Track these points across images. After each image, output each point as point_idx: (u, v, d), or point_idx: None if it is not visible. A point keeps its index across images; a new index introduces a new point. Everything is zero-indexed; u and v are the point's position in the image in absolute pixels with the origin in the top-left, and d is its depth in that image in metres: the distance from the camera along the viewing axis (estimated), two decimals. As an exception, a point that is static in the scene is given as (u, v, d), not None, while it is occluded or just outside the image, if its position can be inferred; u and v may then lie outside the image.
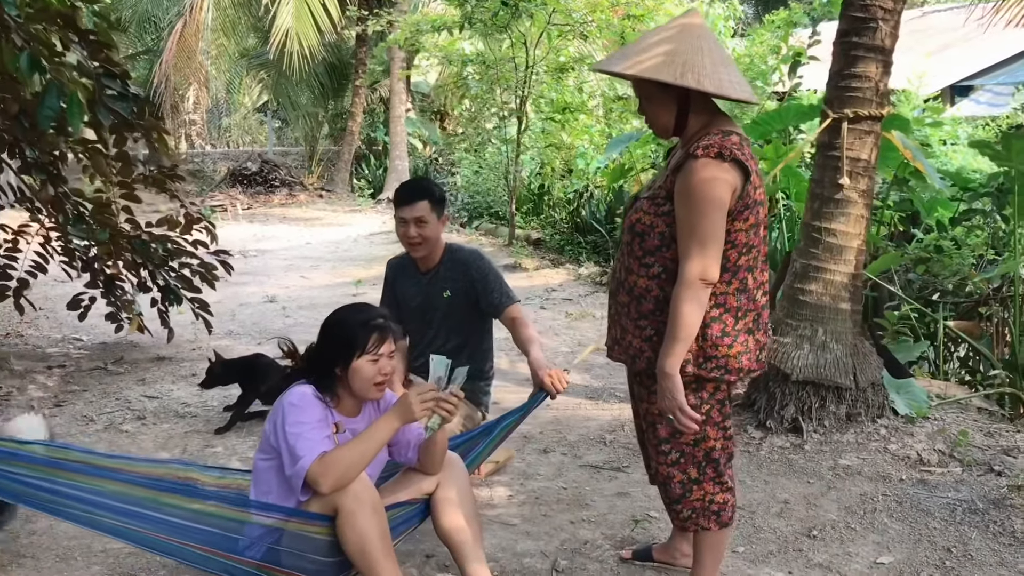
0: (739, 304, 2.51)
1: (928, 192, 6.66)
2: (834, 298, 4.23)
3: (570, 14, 9.25)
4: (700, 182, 2.39)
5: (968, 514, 3.50)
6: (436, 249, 3.68)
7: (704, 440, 2.63)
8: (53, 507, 2.58)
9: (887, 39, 4.11)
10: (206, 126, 25.08)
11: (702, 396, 2.58)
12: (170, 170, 5.54)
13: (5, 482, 2.52)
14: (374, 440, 2.58)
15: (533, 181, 12.04)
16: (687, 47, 2.43)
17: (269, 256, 10.58)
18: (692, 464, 2.66)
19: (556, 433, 4.49)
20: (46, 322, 6.95)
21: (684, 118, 2.52)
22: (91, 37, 4.36)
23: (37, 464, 2.59)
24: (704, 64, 2.40)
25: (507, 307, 3.58)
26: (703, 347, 2.50)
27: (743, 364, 2.55)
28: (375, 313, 2.75)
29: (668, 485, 2.72)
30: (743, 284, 2.51)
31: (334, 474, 2.47)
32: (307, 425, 2.58)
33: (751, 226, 2.48)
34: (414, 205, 3.54)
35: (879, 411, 4.29)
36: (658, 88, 2.48)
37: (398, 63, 14.49)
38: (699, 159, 2.40)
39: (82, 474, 2.65)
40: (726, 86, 2.43)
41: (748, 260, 2.51)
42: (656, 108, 2.56)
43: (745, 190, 2.43)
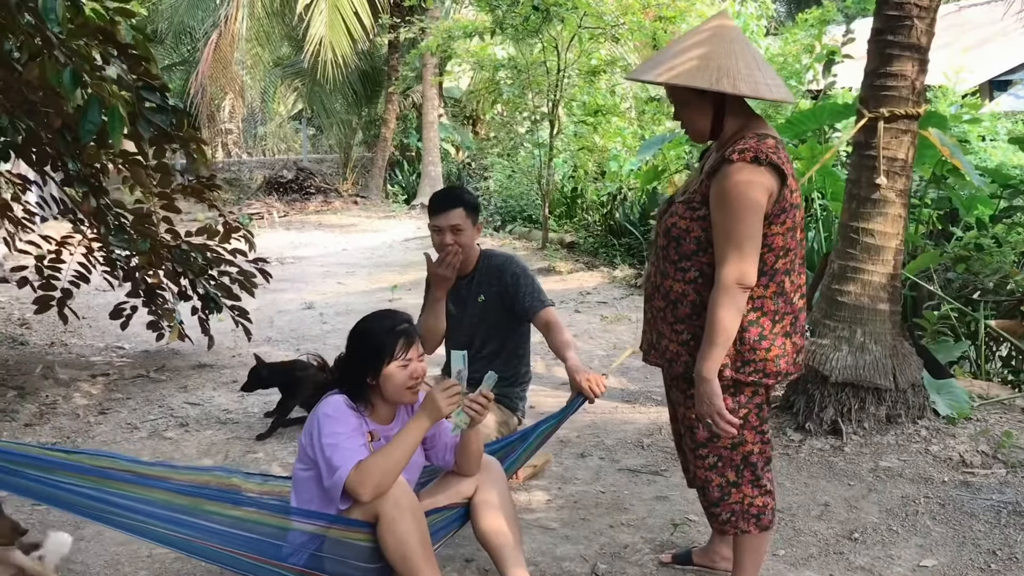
0: (776, 308, 2.51)
1: (967, 189, 6.57)
2: (872, 299, 4.20)
3: (601, 17, 9.26)
4: (736, 186, 2.40)
5: (1013, 516, 3.45)
6: (471, 256, 3.70)
7: (742, 444, 2.63)
8: (101, 515, 2.63)
9: (923, 37, 4.07)
10: (242, 135, 25.33)
11: (740, 400, 2.58)
12: (208, 180, 5.62)
13: (54, 491, 2.57)
14: (407, 443, 2.61)
15: (566, 184, 12.05)
16: (721, 50, 2.44)
17: (306, 263, 10.68)
18: (730, 467, 2.66)
19: (594, 437, 4.49)
20: (89, 331, 7.07)
21: (720, 121, 2.53)
22: (130, 51, 4.45)
23: (85, 474, 2.64)
24: (739, 67, 2.41)
25: (540, 311, 3.58)
26: (741, 351, 2.50)
27: (781, 367, 2.55)
28: (399, 319, 2.78)
29: (706, 488, 2.72)
30: (780, 287, 2.52)
31: (372, 481, 2.50)
32: (342, 435, 2.61)
33: (788, 229, 2.48)
34: (449, 213, 3.56)
35: (920, 412, 4.25)
36: (694, 94, 2.49)
37: (430, 69, 14.59)
38: (735, 163, 2.40)
39: (128, 483, 2.70)
40: (762, 88, 2.43)
41: (785, 263, 2.51)
42: (692, 113, 2.56)
43: (782, 194, 2.43)
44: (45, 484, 2.56)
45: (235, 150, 25.10)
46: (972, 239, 6.16)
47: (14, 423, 4.75)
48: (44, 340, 6.70)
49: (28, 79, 4.31)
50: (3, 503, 2.63)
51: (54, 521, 3.59)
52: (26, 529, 2.78)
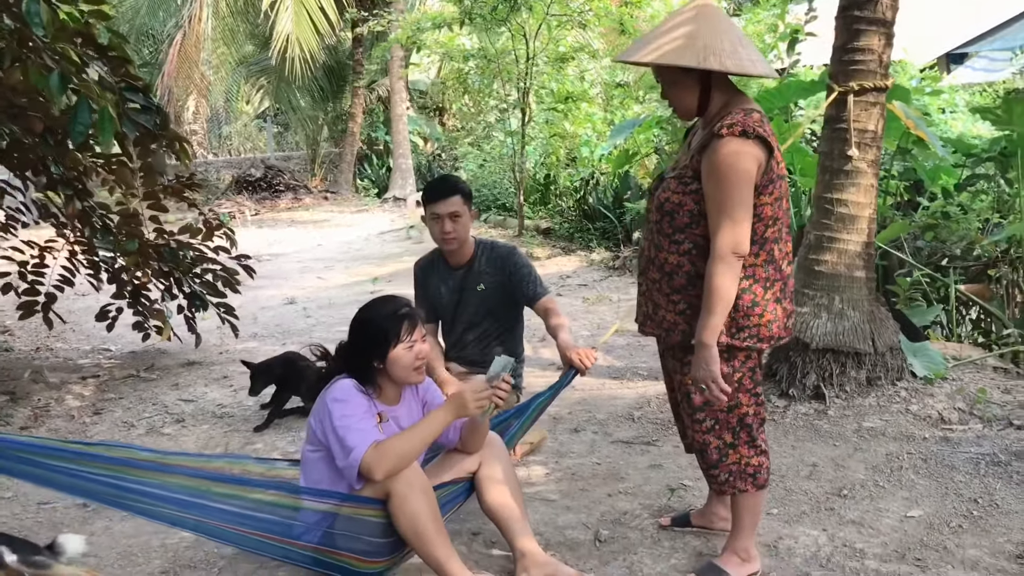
0: (767, 275, 2.63)
1: (931, 160, 6.75)
2: (848, 267, 4.35)
3: (568, 4, 9.36)
4: (727, 158, 2.50)
5: (991, 466, 3.62)
6: (467, 243, 3.80)
7: (737, 407, 2.75)
8: (118, 501, 2.68)
9: (888, 11, 4.21)
10: (207, 135, 25.19)
11: (734, 364, 2.70)
12: (188, 179, 5.66)
13: (74, 480, 2.63)
14: (427, 432, 2.72)
15: (539, 171, 12.15)
16: (705, 29, 2.54)
17: (283, 260, 10.70)
18: (727, 430, 2.78)
19: (585, 413, 4.61)
20: (73, 335, 7.07)
21: (706, 98, 2.64)
22: (110, 53, 4.48)
23: (103, 462, 2.69)
24: (723, 45, 2.52)
25: (542, 298, 3.76)
26: (735, 317, 2.61)
27: (773, 332, 2.67)
28: (400, 303, 2.88)
29: (705, 451, 2.83)
30: (770, 255, 2.63)
31: (387, 463, 2.60)
32: (354, 417, 2.70)
33: (775, 199, 2.59)
34: (448, 200, 3.65)
35: (898, 374, 4.41)
36: (681, 72, 2.60)
37: (397, 62, 14.59)
38: (724, 137, 2.51)
39: (145, 470, 2.75)
40: (747, 64, 2.55)
41: (774, 232, 2.63)
42: (679, 91, 2.67)
43: (769, 165, 2.54)
44: (64, 473, 2.60)
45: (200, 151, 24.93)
46: (939, 208, 6.35)
47: (9, 427, 4.77)
48: (29, 346, 6.69)
49: (11, 83, 4.34)
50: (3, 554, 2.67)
51: (61, 519, 3.65)
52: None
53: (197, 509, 2.71)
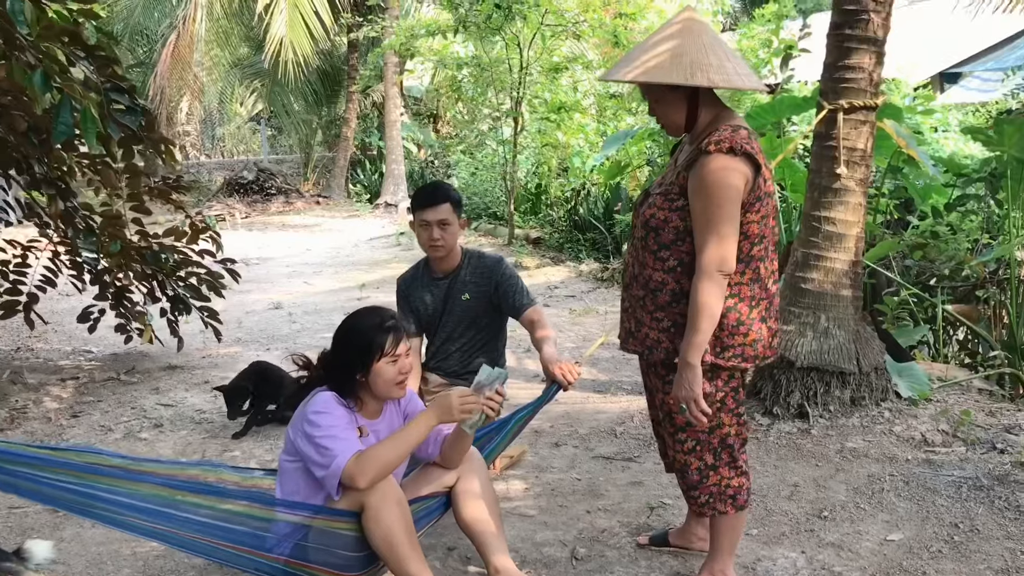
0: (753, 293, 2.60)
1: (922, 179, 6.74)
2: (835, 285, 4.32)
3: (563, 15, 9.35)
4: (714, 175, 2.47)
5: (973, 491, 3.58)
6: (455, 252, 3.76)
7: (719, 427, 2.71)
8: (87, 510, 2.63)
9: (879, 30, 4.20)
10: (200, 137, 25.14)
11: (717, 384, 2.66)
12: (174, 181, 5.61)
13: (39, 487, 2.57)
14: (410, 438, 2.68)
15: (530, 181, 12.13)
16: (691, 44, 2.51)
17: (271, 264, 10.65)
18: (708, 451, 2.74)
19: (567, 427, 4.57)
20: (55, 336, 7.02)
21: (694, 114, 2.61)
22: (98, 52, 4.44)
23: (71, 469, 2.64)
24: (710, 60, 2.48)
25: (527, 309, 3.70)
26: (720, 336, 2.58)
27: (759, 351, 2.63)
28: (387, 315, 2.82)
29: (685, 472, 2.79)
30: (756, 274, 2.60)
31: (371, 471, 2.55)
32: (336, 427, 2.65)
33: (762, 217, 2.56)
34: (438, 208, 3.61)
35: (883, 395, 4.38)
36: (668, 89, 2.57)
37: (392, 68, 14.58)
38: (711, 154, 2.48)
39: (114, 478, 2.70)
40: (734, 78, 2.51)
41: (760, 250, 2.59)
42: (666, 108, 2.64)
43: (756, 183, 2.51)
44: (29, 480, 2.55)
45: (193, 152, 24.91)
46: (928, 227, 6.33)
47: (-15, 428, 4.72)
48: (9, 346, 6.63)
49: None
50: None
51: (32, 524, 3.60)
52: None
53: (166, 519, 2.66)
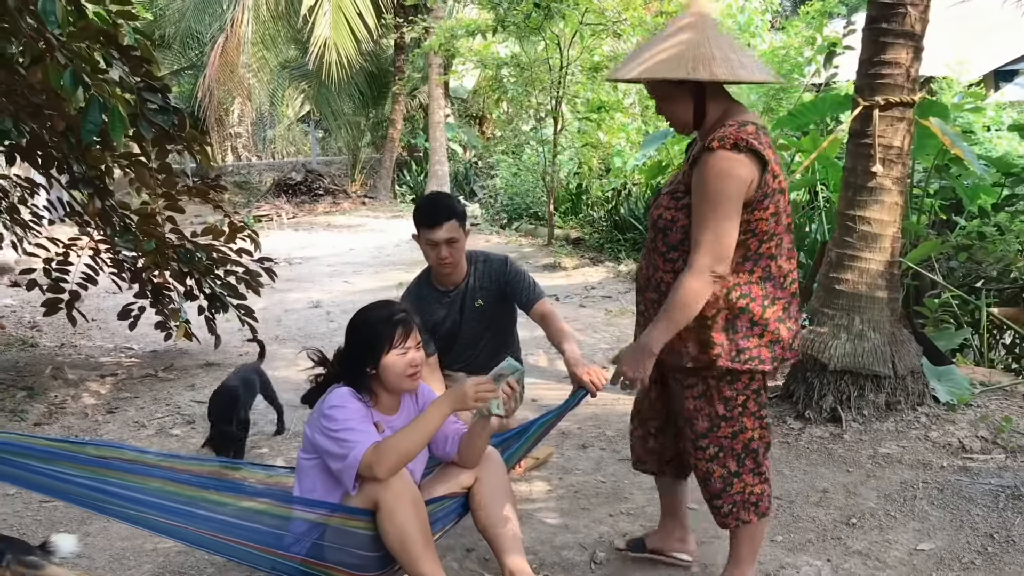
0: (765, 292, 2.53)
1: (970, 179, 6.57)
2: (870, 286, 4.21)
3: (603, 13, 9.29)
4: (715, 174, 2.41)
5: (1011, 500, 3.46)
6: (463, 263, 3.72)
7: (742, 432, 2.65)
8: (105, 507, 2.65)
9: (917, 24, 4.08)
10: (251, 138, 25.47)
11: (737, 387, 2.60)
12: (213, 181, 5.68)
13: (58, 483, 2.60)
14: (427, 426, 2.65)
15: (571, 181, 12.07)
16: (694, 40, 2.46)
17: (314, 263, 10.74)
18: (731, 457, 2.67)
19: (595, 428, 4.52)
20: (98, 333, 7.14)
21: (702, 111, 2.54)
22: (132, 53, 4.50)
23: (89, 465, 2.66)
24: (713, 54, 2.43)
25: (537, 302, 3.65)
26: (733, 339, 2.52)
27: (776, 353, 2.56)
28: (396, 308, 2.80)
29: (708, 480, 2.72)
30: (767, 272, 2.53)
31: (388, 460, 2.54)
32: (353, 420, 2.64)
33: (772, 215, 2.49)
34: (444, 226, 3.54)
35: (919, 399, 4.27)
36: (673, 86, 2.51)
37: (435, 69, 14.62)
38: (715, 151, 2.42)
39: (132, 473, 2.71)
40: (739, 71, 2.45)
41: (769, 248, 2.52)
42: (673, 106, 2.58)
43: (763, 179, 2.44)
44: (49, 476, 2.58)
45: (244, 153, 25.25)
46: (975, 228, 6.16)
47: (23, 423, 4.81)
48: (54, 342, 6.76)
49: (31, 82, 4.37)
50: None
51: (60, 518, 3.65)
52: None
53: (186, 517, 2.67)
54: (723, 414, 2.61)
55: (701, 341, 2.53)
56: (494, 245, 11.50)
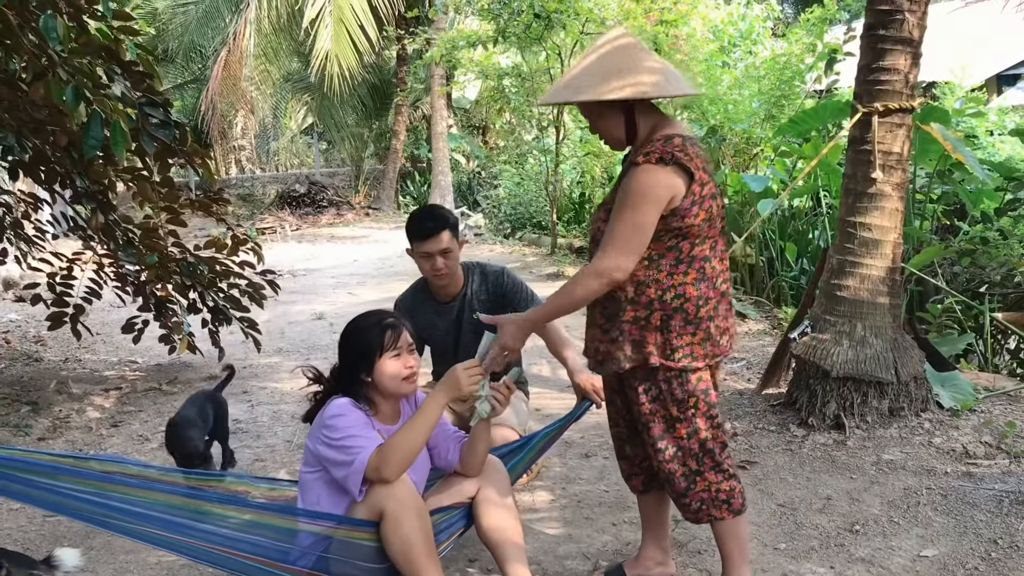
0: (699, 292, 2.59)
1: (973, 184, 6.57)
2: (872, 292, 4.21)
3: (603, 22, 9.29)
4: (635, 186, 2.51)
5: (1016, 505, 3.45)
6: (458, 275, 3.71)
7: (696, 432, 2.68)
8: (108, 522, 2.64)
9: (915, 30, 4.09)
10: (255, 151, 25.54)
11: (687, 389, 2.64)
12: (216, 194, 5.70)
13: (61, 498, 2.60)
14: (427, 420, 2.65)
15: (574, 190, 12.08)
16: (618, 59, 2.55)
17: (317, 275, 10.77)
18: (690, 456, 2.70)
19: (598, 437, 4.51)
20: (103, 346, 7.16)
21: (633, 127, 2.63)
22: (134, 68, 4.53)
23: (92, 480, 2.67)
24: (639, 72, 2.52)
25: None
26: (668, 338, 2.59)
27: (708, 351, 2.63)
28: (384, 314, 2.83)
29: (672, 481, 2.73)
30: (701, 273, 2.60)
31: (394, 459, 2.54)
32: (354, 427, 2.64)
33: (703, 220, 2.56)
34: (438, 237, 3.51)
35: (923, 405, 4.26)
36: (604, 105, 2.59)
37: (437, 80, 14.67)
38: (640, 165, 2.51)
39: (136, 488, 2.71)
40: (664, 87, 2.56)
41: (703, 250, 2.60)
42: (606, 124, 2.67)
43: (691, 189, 2.52)
44: (52, 492, 2.58)
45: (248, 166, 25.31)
46: (978, 233, 6.16)
47: (27, 437, 4.83)
48: (58, 356, 6.78)
49: (34, 98, 4.41)
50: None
51: (64, 533, 3.66)
52: None
53: (190, 532, 2.66)
54: (676, 415, 2.66)
55: (634, 342, 2.61)
56: (497, 255, 11.51)
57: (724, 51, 10.23)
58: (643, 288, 2.57)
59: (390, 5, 14.39)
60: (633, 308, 2.59)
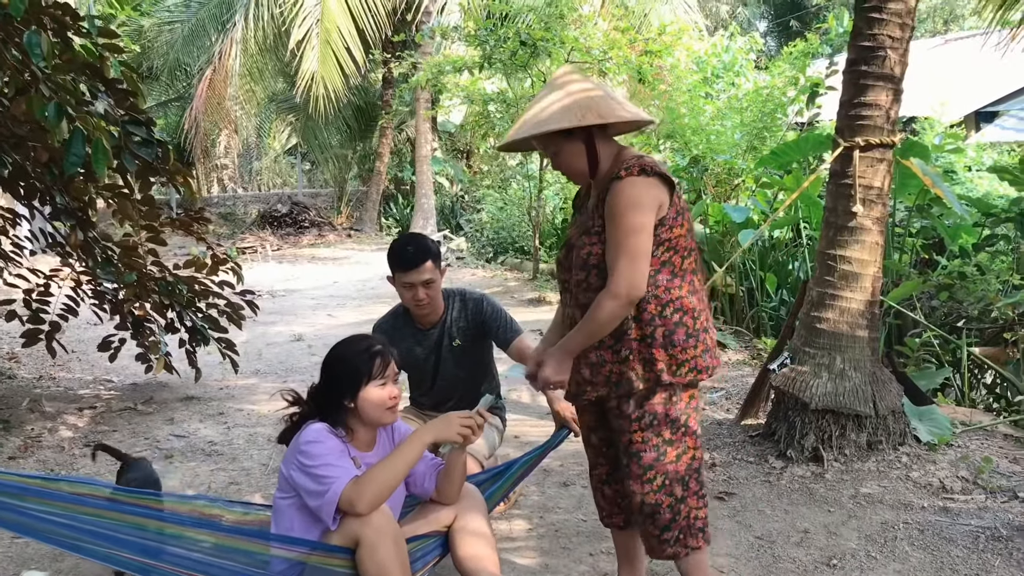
0: (693, 305, 2.61)
1: (951, 219, 6.64)
2: (851, 325, 4.23)
3: (588, 51, 9.36)
4: (628, 197, 2.51)
5: (991, 541, 3.46)
6: (439, 303, 3.71)
7: (685, 453, 2.66)
8: (77, 544, 2.60)
9: (896, 67, 4.14)
10: (238, 170, 25.50)
11: (679, 407, 2.63)
12: (196, 213, 5.66)
13: (29, 520, 2.56)
14: (407, 456, 2.64)
15: (557, 215, 12.12)
16: (575, 93, 2.60)
17: (297, 296, 10.71)
18: (677, 483, 2.66)
19: (577, 465, 4.49)
20: (78, 364, 7.08)
21: (595, 157, 2.64)
22: (118, 86, 4.51)
23: (62, 502, 2.63)
24: (596, 101, 2.57)
25: (515, 339, 3.67)
26: (673, 354, 2.58)
27: (708, 362, 2.64)
28: (374, 340, 2.81)
29: (657, 513, 2.67)
30: (692, 286, 2.63)
31: (369, 494, 2.52)
32: (330, 456, 2.62)
33: (688, 231, 2.61)
34: (421, 268, 3.51)
35: (901, 439, 4.27)
36: (563, 138, 2.62)
37: (423, 104, 14.71)
38: (624, 179, 2.52)
39: (105, 510, 2.68)
40: (621, 113, 2.59)
41: (691, 263, 2.64)
42: (568, 158, 2.67)
43: (673, 199, 2.57)
44: (21, 514, 2.54)
45: (231, 185, 25.26)
46: (956, 267, 6.21)
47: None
48: (32, 374, 6.70)
49: (15, 113, 4.37)
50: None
51: (32, 555, 3.59)
52: None
53: (160, 555, 2.63)
54: (668, 438, 2.63)
55: (644, 360, 2.59)
56: (479, 279, 11.50)
57: (707, 82, 10.32)
58: (644, 304, 2.56)
59: (377, 29, 14.42)
60: (637, 326, 2.58)
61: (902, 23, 4.10)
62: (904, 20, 4.11)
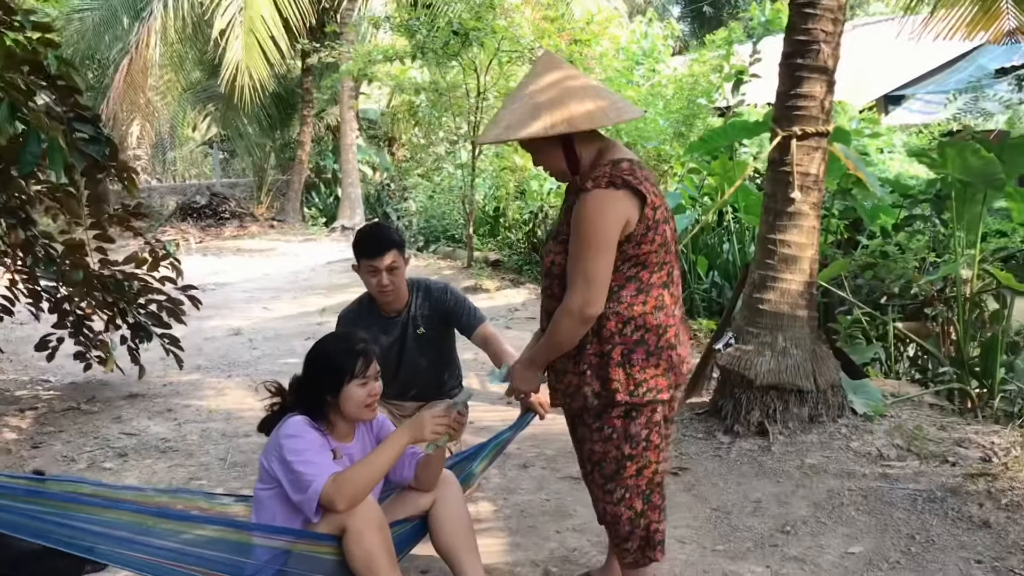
0: (658, 322, 2.55)
1: (870, 200, 6.97)
2: (791, 306, 4.46)
3: (518, 40, 9.47)
4: (589, 213, 2.45)
5: (928, 503, 3.72)
6: (403, 291, 3.79)
7: (646, 467, 2.65)
8: (70, 542, 2.59)
9: (830, 60, 4.36)
10: (151, 161, 24.87)
11: (640, 423, 2.59)
12: (134, 208, 5.59)
13: (19, 519, 2.56)
14: (386, 457, 2.72)
15: (488, 204, 12.23)
16: (551, 93, 2.51)
17: (228, 289, 10.58)
18: (637, 496, 2.67)
19: (534, 448, 4.63)
20: (10, 365, 6.90)
21: (574, 157, 2.57)
22: (59, 82, 4.44)
23: (50, 499, 2.64)
24: (570, 104, 2.47)
25: (479, 326, 3.77)
26: (631, 373, 2.53)
27: (671, 380, 2.60)
28: (357, 338, 2.87)
29: (617, 524, 2.72)
30: (660, 301, 2.56)
31: (348, 492, 2.59)
32: (310, 451, 2.68)
33: (660, 245, 2.52)
34: (385, 255, 3.59)
35: (839, 411, 4.52)
36: (539, 139, 2.53)
37: (348, 92, 14.61)
38: (590, 192, 2.46)
39: (92, 506, 2.69)
40: (598, 116, 2.49)
41: (661, 277, 2.56)
42: (547, 158, 2.62)
43: (643, 213, 2.47)
44: (10, 512, 2.55)
45: (144, 176, 24.59)
46: (877, 247, 6.54)
47: (-58, 462, 4.65)
48: (-38, 376, 6.53)
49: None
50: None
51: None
52: None
53: (144, 547, 2.64)
54: (629, 453, 2.61)
55: (601, 378, 2.55)
56: (413, 268, 11.50)
57: (629, 69, 10.55)
58: (604, 321, 2.51)
59: (301, 17, 14.25)
60: (597, 342, 2.53)
61: (834, 18, 4.33)
62: (836, 15, 4.33)
